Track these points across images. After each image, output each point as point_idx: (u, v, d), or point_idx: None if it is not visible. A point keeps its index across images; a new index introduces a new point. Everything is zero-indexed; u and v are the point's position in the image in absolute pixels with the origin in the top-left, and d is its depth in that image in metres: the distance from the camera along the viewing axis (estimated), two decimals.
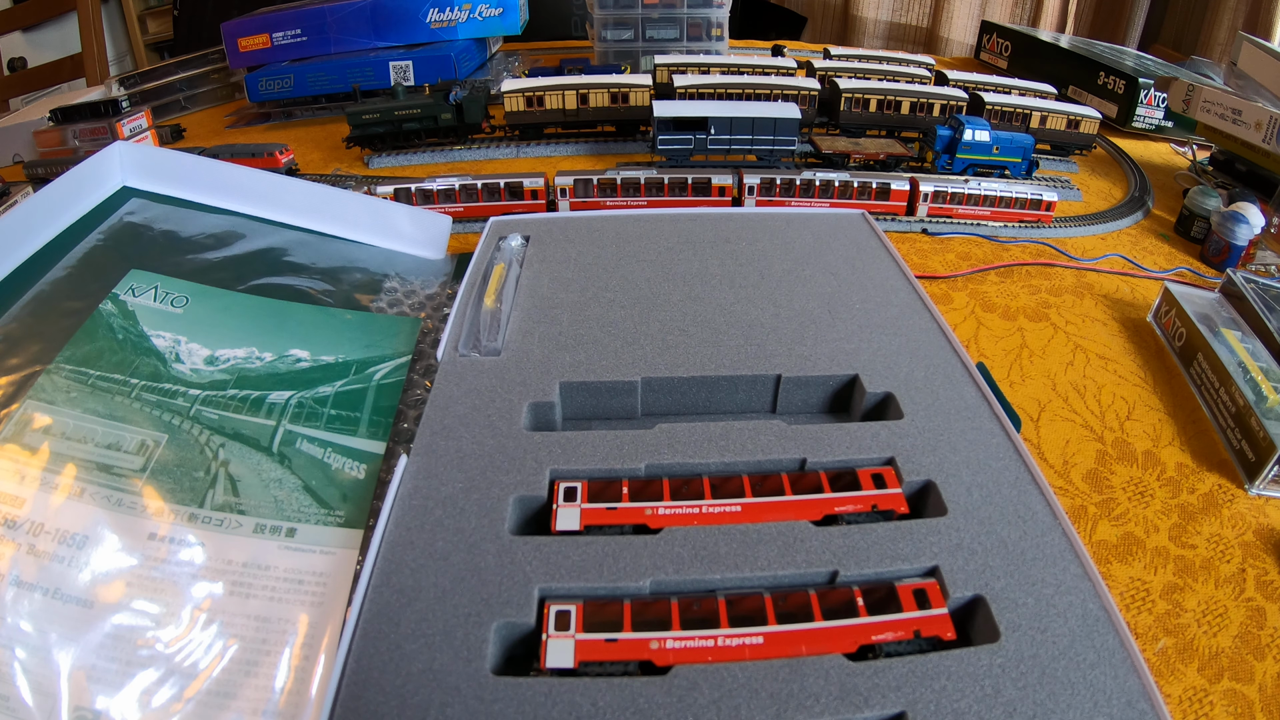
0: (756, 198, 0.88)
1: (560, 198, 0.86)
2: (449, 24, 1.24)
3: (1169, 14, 1.87)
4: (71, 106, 1.03)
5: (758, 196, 0.88)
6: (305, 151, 1.07)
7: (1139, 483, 0.56)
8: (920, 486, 0.46)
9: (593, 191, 0.86)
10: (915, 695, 0.35)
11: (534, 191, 0.85)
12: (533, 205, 0.85)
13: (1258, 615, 0.47)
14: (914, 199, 0.89)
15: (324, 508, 0.48)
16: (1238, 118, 0.97)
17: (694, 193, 0.87)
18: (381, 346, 0.60)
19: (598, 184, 0.85)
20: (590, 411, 0.55)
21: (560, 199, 0.86)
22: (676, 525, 0.43)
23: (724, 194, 0.87)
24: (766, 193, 0.88)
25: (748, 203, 0.88)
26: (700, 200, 0.86)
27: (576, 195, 0.86)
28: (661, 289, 0.63)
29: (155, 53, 2.33)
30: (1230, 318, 0.67)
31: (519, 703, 0.34)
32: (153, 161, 0.71)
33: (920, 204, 0.89)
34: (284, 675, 0.40)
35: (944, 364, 0.55)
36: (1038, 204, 0.90)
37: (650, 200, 0.86)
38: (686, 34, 1.30)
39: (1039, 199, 0.89)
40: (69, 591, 0.41)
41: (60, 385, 0.50)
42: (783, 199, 0.88)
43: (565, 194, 0.86)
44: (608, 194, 0.86)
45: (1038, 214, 0.90)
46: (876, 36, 2.03)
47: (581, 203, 0.86)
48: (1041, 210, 0.90)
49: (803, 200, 0.88)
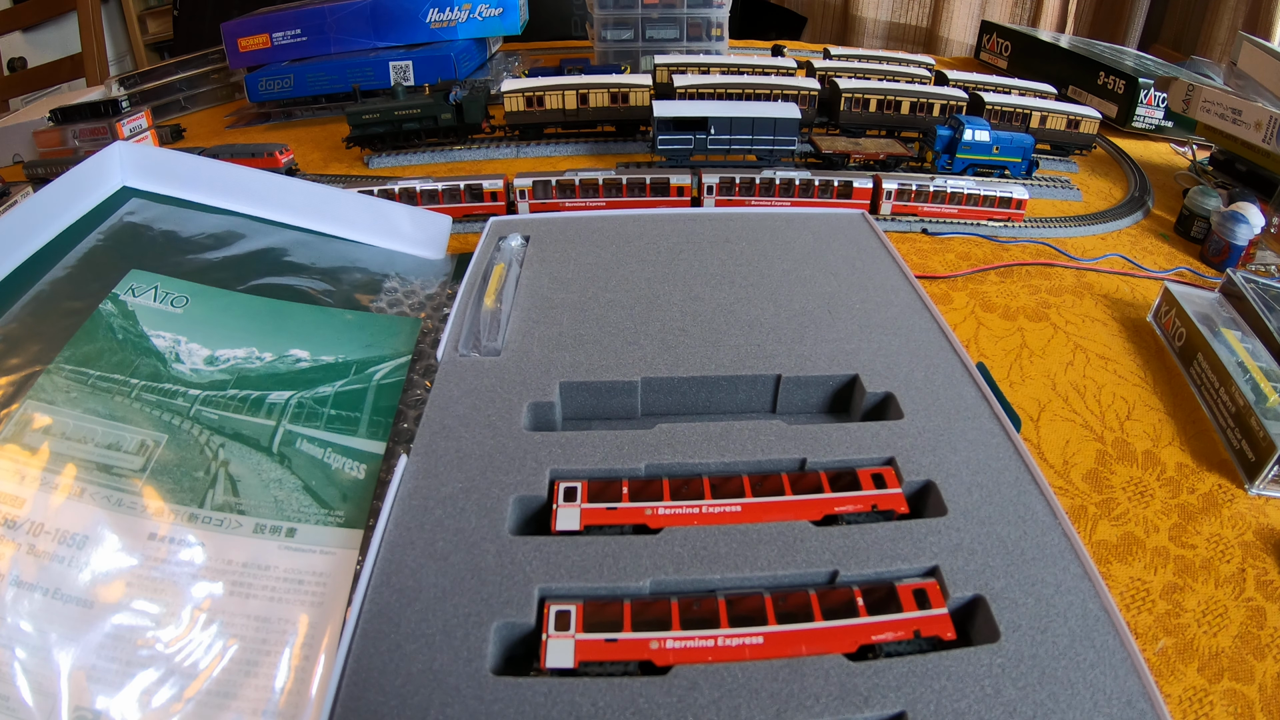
0: (716, 197, 0.87)
1: (520, 199, 0.85)
2: (449, 24, 1.24)
3: (1169, 14, 1.87)
4: (71, 106, 1.03)
5: (717, 196, 0.87)
6: (305, 151, 1.07)
7: (1139, 483, 0.56)
8: (920, 486, 0.46)
9: (551, 193, 0.85)
10: (915, 695, 0.35)
11: (494, 193, 0.85)
12: (493, 207, 0.85)
13: (1258, 615, 0.47)
14: (877, 197, 0.88)
15: (324, 508, 0.48)
16: (1238, 118, 0.97)
17: (652, 193, 0.86)
18: (381, 346, 0.60)
19: (556, 185, 0.85)
20: (590, 411, 0.55)
21: (520, 200, 0.85)
22: (676, 525, 0.43)
23: (682, 194, 0.86)
24: (726, 192, 0.87)
25: (707, 202, 0.87)
26: (659, 201, 0.85)
27: (536, 197, 0.85)
28: (661, 289, 0.63)
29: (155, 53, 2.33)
30: (1230, 318, 0.67)
31: (519, 703, 0.34)
32: (153, 161, 0.71)
33: (883, 202, 0.88)
34: (284, 675, 0.40)
35: (944, 364, 0.55)
36: (1007, 202, 0.88)
37: (609, 201, 0.86)
38: (686, 34, 1.30)
39: (1008, 197, 0.88)
40: (69, 591, 0.41)
41: (60, 385, 0.50)
42: (743, 199, 0.87)
43: (525, 195, 0.85)
44: (567, 195, 0.85)
45: (1007, 212, 0.88)
46: (876, 36, 2.03)
47: (541, 204, 0.85)
48: (1011, 208, 0.88)
49: (763, 199, 0.87)
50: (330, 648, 0.41)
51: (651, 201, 0.86)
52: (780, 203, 0.87)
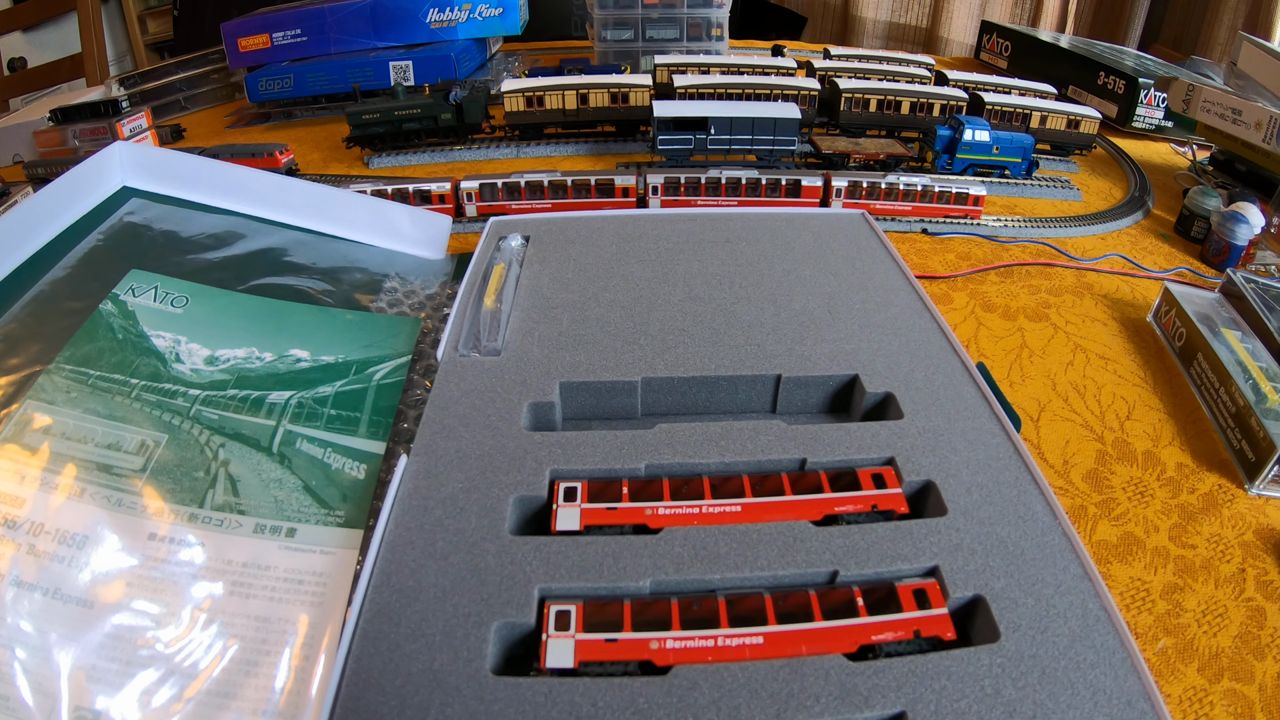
0: (661, 198, 0.86)
1: (467, 201, 0.85)
2: (449, 24, 1.24)
3: (1169, 14, 1.88)
4: (71, 106, 1.03)
5: (662, 196, 0.86)
6: (305, 151, 1.07)
7: (1139, 483, 0.56)
8: (920, 486, 0.46)
9: (498, 195, 0.85)
10: (915, 695, 0.35)
11: (441, 195, 0.85)
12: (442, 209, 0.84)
13: (1258, 615, 0.47)
14: (827, 195, 0.87)
15: (324, 508, 0.48)
16: (1238, 118, 0.97)
17: (597, 194, 0.85)
18: (381, 346, 0.60)
19: (503, 187, 0.85)
20: (590, 411, 0.55)
21: (467, 203, 0.85)
22: (676, 525, 0.43)
23: (628, 195, 0.85)
24: (672, 193, 0.86)
25: (652, 203, 0.86)
26: (605, 202, 0.85)
27: (483, 199, 0.85)
28: (661, 289, 0.63)
29: (155, 53, 2.33)
30: (1230, 318, 0.67)
31: (519, 703, 0.34)
32: (153, 161, 0.71)
33: (833, 199, 0.87)
34: (284, 675, 0.40)
35: (944, 364, 0.55)
36: (964, 198, 0.87)
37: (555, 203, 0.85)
38: (686, 34, 1.30)
39: (965, 193, 0.87)
40: (69, 591, 0.41)
41: (60, 385, 0.50)
42: (688, 199, 0.86)
43: (472, 198, 0.85)
44: (513, 197, 0.85)
45: (964, 209, 0.88)
46: (876, 36, 2.03)
47: (488, 207, 0.85)
48: (969, 204, 0.87)
49: (710, 199, 0.86)
50: (330, 648, 0.41)
51: (598, 203, 0.85)
52: (727, 202, 0.86)
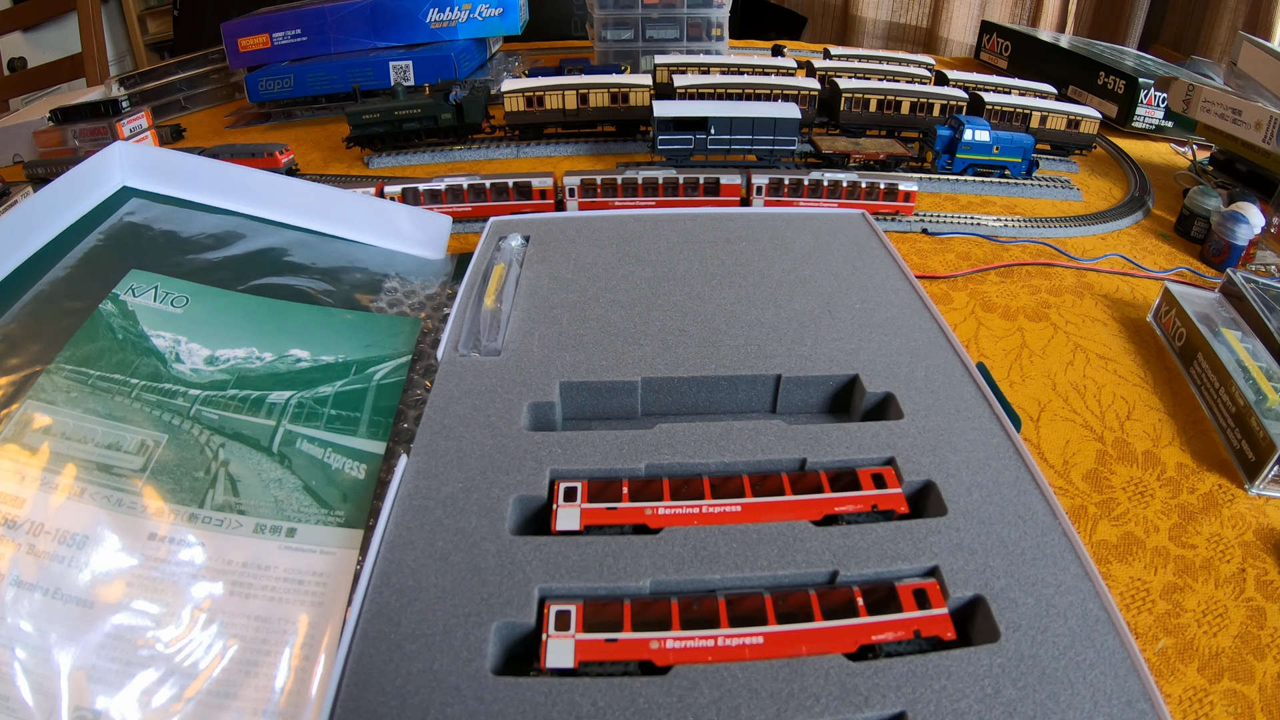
0: (579, 199, 0.85)
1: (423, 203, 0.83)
2: (449, 24, 1.24)
3: (1169, 14, 1.87)
4: (71, 106, 1.03)
5: (580, 199, 0.84)
6: (305, 151, 1.07)
7: (1139, 483, 0.56)
8: (920, 486, 0.46)
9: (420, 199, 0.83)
10: (915, 695, 0.35)
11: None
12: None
13: (1258, 615, 0.47)
14: (748, 192, 0.86)
15: (324, 508, 0.48)
16: (1238, 118, 0.97)
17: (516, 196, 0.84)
18: (381, 346, 0.60)
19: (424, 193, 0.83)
20: (590, 411, 0.55)
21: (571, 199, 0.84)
22: (676, 525, 0.43)
23: (545, 196, 0.84)
24: (589, 194, 0.84)
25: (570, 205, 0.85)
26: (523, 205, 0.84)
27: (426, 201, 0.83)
28: (661, 289, 0.63)
29: (155, 53, 2.33)
30: (1230, 318, 0.67)
31: (519, 703, 0.34)
32: (153, 161, 0.71)
33: (755, 198, 0.86)
34: (284, 675, 0.40)
35: (944, 364, 0.55)
36: (893, 193, 0.86)
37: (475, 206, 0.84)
38: (686, 34, 1.30)
39: (894, 187, 0.86)
40: (69, 591, 0.41)
41: (60, 385, 0.50)
42: (605, 200, 0.85)
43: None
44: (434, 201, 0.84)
45: (895, 205, 0.86)
46: (876, 36, 2.03)
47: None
48: (899, 200, 0.86)
49: (626, 200, 0.85)
50: (330, 648, 0.41)
51: (515, 206, 0.84)
52: (645, 204, 0.85)
